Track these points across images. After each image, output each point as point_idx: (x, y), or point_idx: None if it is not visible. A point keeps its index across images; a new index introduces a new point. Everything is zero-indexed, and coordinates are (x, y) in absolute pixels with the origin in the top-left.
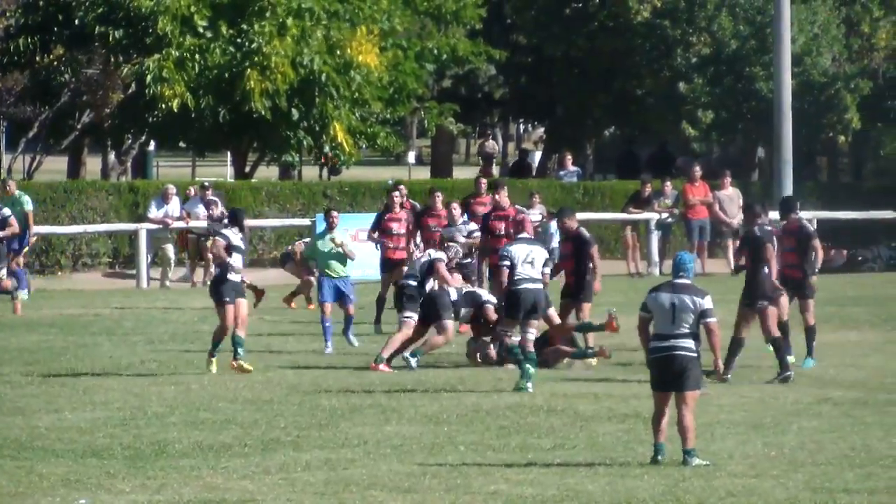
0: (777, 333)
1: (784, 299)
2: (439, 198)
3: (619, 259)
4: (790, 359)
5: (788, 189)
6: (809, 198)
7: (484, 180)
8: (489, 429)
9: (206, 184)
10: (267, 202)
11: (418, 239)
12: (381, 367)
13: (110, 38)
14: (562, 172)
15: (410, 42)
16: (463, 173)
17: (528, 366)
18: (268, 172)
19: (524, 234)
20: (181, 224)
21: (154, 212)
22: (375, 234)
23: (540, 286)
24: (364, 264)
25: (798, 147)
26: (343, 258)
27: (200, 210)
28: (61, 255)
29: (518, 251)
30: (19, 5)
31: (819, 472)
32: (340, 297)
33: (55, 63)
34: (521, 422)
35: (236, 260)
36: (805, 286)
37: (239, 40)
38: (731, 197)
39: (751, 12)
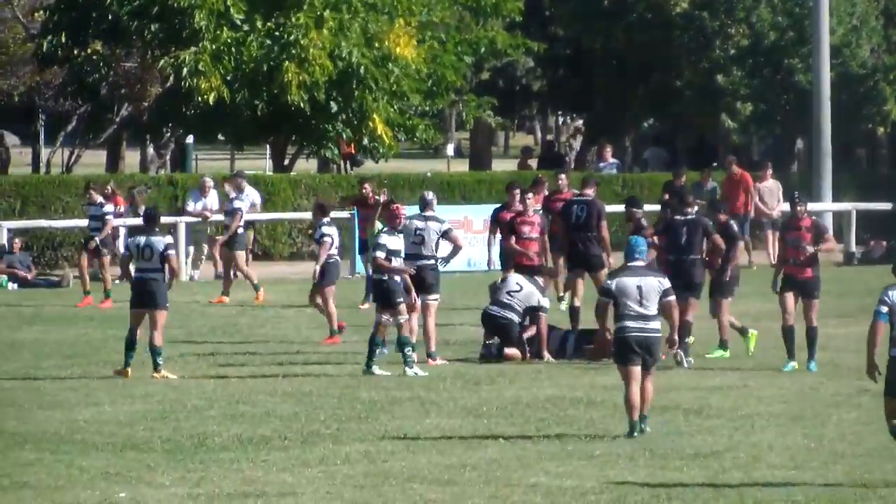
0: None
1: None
2: (367, 188)
3: None
4: (793, 364)
5: (828, 181)
6: (848, 189)
7: (563, 176)
8: (528, 421)
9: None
10: (306, 195)
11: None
12: (437, 361)
13: (146, 33)
14: (601, 164)
15: (449, 34)
16: (501, 165)
17: (407, 350)
18: (307, 165)
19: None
20: (220, 217)
21: (192, 205)
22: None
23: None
24: None
25: (837, 139)
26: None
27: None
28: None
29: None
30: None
31: (859, 463)
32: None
33: (92, 57)
34: (561, 414)
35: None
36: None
37: (276, 33)
38: (770, 189)
39: (789, 4)
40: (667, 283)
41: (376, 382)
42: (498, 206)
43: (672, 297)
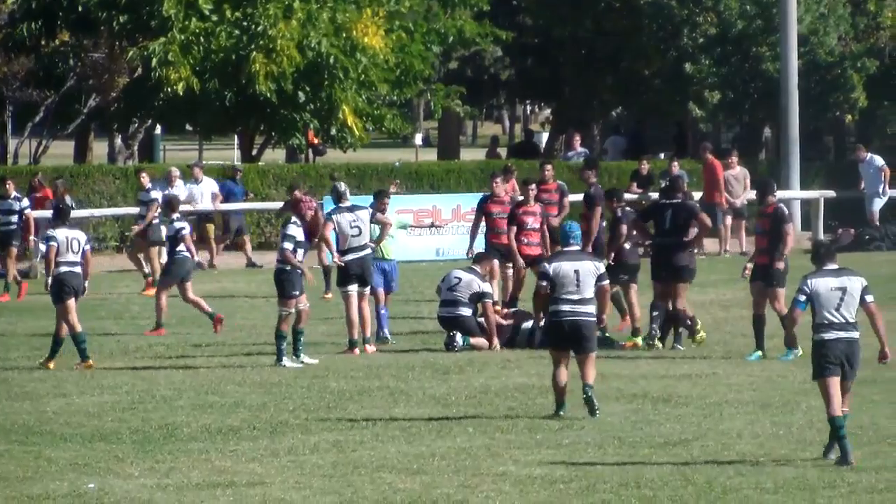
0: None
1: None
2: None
3: None
4: (758, 354)
5: (796, 169)
6: (817, 177)
7: (549, 166)
8: (497, 410)
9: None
10: (274, 185)
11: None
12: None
13: (115, 23)
14: (570, 153)
15: (417, 24)
16: (470, 155)
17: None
18: (275, 155)
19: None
20: (188, 207)
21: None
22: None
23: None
24: None
25: (805, 126)
26: (389, 241)
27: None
28: None
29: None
30: None
31: None
32: (385, 282)
33: (60, 48)
34: (530, 403)
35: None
36: (771, 274)
37: (245, 23)
38: (737, 177)
39: None
40: (602, 268)
41: (345, 372)
42: (483, 195)
43: (606, 282)
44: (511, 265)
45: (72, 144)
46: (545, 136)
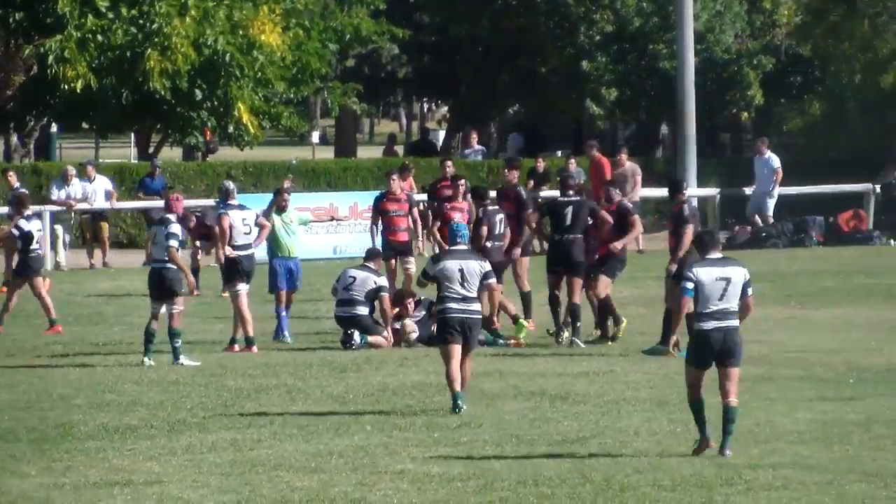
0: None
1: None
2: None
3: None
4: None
5: (692, 165)
6: (713, 175)
7: (450, 163)
8: (395, 408)
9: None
10: (171, 183)
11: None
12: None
13: (10, 20)
14: (467, 151)
15: (313, 21)
16: (367, 153)
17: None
18: (172, 153)
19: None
20: (84, 205)
21: (56, 193)
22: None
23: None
24: None
25: (701, 124)
26: (294, 238)
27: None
28: None
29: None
30: None
31: None
32: (290, 281)
33: None
34: (427, 400)
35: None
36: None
37: (141, 21)
38: (625, 173)
39: None
40: (487, 267)
41: (243, 370)
42: (379, 193)
43: (492, 280)
44: (407, 262)
45: None
46: (442, 134)
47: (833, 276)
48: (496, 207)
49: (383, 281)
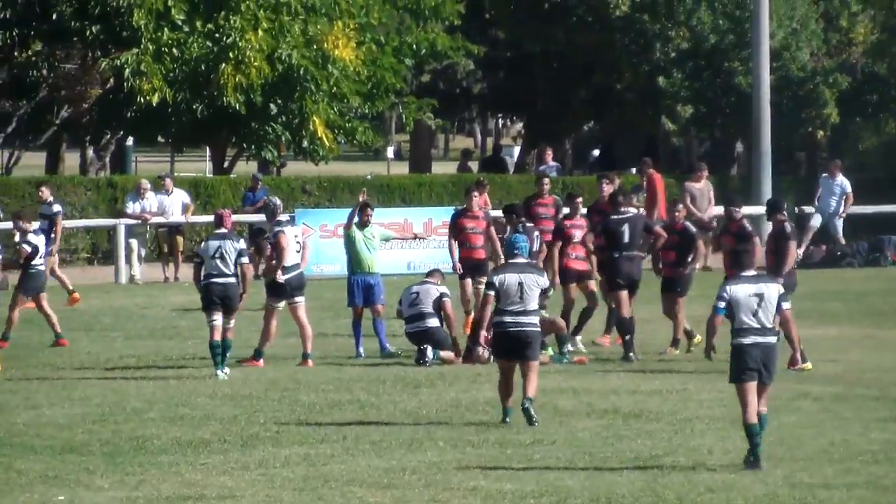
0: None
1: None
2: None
3: None
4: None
5: (767, 184)
6: (788, 192)
7: (546, 180)
8: (468, 424)
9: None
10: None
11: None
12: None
13: (87, 33)
14: (542, 168)
15: (389, 37)
16: (441, 168)
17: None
18: (248, 167)
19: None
20: (160, 219)
21: (130, 207)
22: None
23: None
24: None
25: (776, 142)
26: (374, 254)
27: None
28: None
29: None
30: None
31: (798, 467)
32: (369, 297)
33: (33, 58)
34: (500, 417)
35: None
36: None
37: (216, 35)
38: (702, 190)
39: (730, 6)
40: (546, 282)
41: (316, 385)
42: (456, 209)
43: (549, 294)
44: (480, 282)
45: (44, 155)
46: (517, 150)
47: None
48: (532, 225)
49: (444, 288)
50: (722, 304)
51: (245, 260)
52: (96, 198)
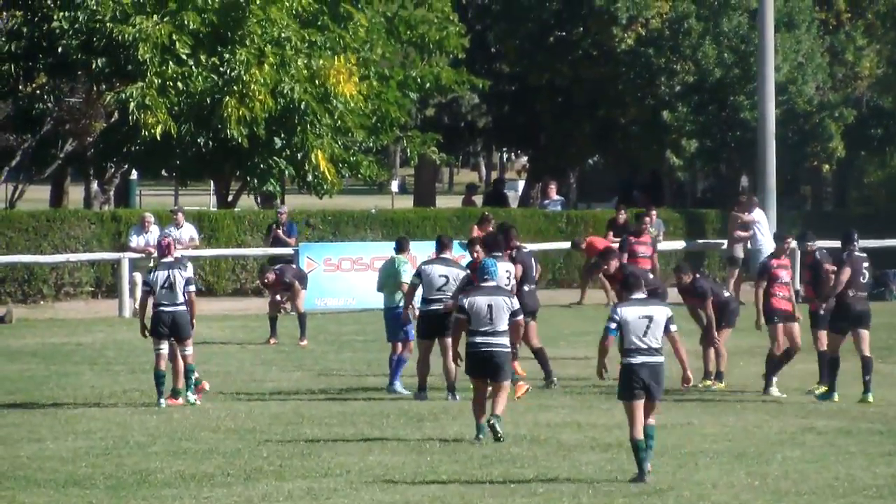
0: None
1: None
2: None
3: (600, 289)
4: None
5: (772, 218)
6: (793, 227)
7: (647, 219)
8: (472, 458)
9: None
10: (249, 231)
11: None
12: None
13: (93, 66)
14: (546, 202)
15: (393, 70)
16: (446, 202)
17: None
18: (251, 201)
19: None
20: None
21: (134, 240)
22: None
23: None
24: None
25: (782, 176)
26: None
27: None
28: (44, 284)
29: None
30: (3, 32)
31: (803, 501)
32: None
33: (37, 91)
34: (504, 451)
35: None
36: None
37: (221, 69)
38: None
39: (735, 41)
40: (516, 304)
41: (319, 419)
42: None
43: (519, 317)
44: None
45: (48, 189)
46: (521, 184)
47: None
48: (528, 249)
49: (464, 269)
50: (613, 326)
51: (192, 288)
52: (100, 231)
